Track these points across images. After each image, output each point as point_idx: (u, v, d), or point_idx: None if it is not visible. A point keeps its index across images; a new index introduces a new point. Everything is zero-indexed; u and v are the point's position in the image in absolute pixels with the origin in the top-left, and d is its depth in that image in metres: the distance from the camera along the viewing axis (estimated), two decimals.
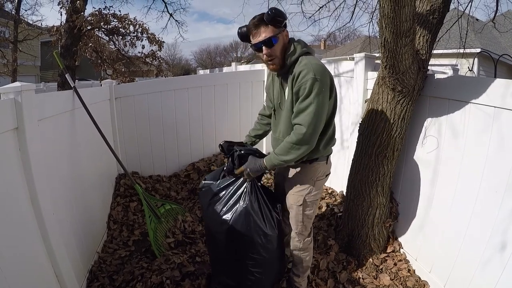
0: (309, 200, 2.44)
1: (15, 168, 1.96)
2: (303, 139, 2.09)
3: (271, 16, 2.05)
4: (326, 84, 2.07)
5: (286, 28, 2.19)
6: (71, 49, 7.76)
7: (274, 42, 2.12)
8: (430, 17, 2.69)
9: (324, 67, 2.10)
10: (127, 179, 4.38)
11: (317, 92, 2.02)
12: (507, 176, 2.09)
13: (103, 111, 4.12)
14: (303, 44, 2.20)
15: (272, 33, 2.10)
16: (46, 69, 22.50)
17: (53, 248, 2.21)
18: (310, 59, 2.11)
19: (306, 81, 2.03)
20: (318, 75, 2.02)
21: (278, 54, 2.16)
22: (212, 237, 2.60)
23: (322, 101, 2.05)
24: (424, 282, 2.87)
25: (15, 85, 1.98)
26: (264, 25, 2.10)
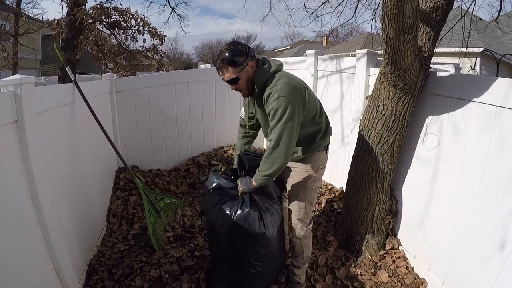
0: (311, 187, 2.58)
1: (14, 161, 1.95)
2: (275, 154, 2.24)
3: (228, 60, 2.21)
4: (293, 100, 2.17)
5: (250, 59, 2.28)
6: (72, 43, 7.74)
7: (236, 81, 2.29)
8: (433, 15, 2.68)
9: (291, 84, 2.22)
10: (127, 172, 4.38)
11: (283, 110, 2.15)
12: (508, 175, 2.09)
13: (103, 104, 4.11)
14: (267, 66, 2.32)
15: (233, 73, 2.26)
16: (47, 63, 22.44)
17: (52, 241, 2.20)
18: (277, 79, 2.25)
19: (272, 101, 2.18)
20: (283, 94, 2.15)
21: (243, 86, 2.34)
22: (215, 234, 2.60)
23: (290, 117, 2.16)
24: (422, 279, 2.87)
25: (15, 78, 1.97)
26: (225, 67, 2.27)
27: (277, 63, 2.37)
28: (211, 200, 2.51)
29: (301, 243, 2.65)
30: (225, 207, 2.41)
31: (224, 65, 2.25)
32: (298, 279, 2.75)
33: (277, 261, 2.67)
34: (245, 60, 2.25)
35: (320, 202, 3.91)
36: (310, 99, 2.34)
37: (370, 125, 2.95)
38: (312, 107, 2.39)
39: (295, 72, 4.90)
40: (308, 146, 2.49)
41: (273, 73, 2.29)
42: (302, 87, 2.30)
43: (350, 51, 16.83)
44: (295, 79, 2.32)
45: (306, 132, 2.42)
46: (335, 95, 4.19)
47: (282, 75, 2.27)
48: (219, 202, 2.46)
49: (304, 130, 2.38)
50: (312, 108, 2.39)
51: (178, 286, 2.73)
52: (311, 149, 2.50)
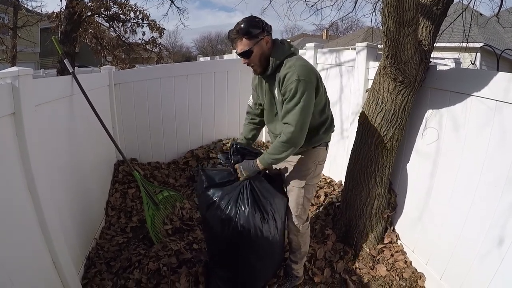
0: (310, 183, 2.56)
1: (12, 154, 1.95)
2: (292, 137, 2.19)
3: (244, 30, 2.18)
4: (311, 83, 2.16)
5: (266, 34, 2.25)
6: (71, 35, 7.71)
7: (249, 53, 2.23)
8: (433, 8, 2.66)
9: (309, 67, 2.20)
10: (125, 165, 4.38)
11: (302, 92, 2.12)
12: (507, 170, 2.08)
13: (102, 97, 4.10)
14: (287, 45, 2.30)
15: (248, 46, 2.21)
16: (45, 56, 22.35)
17: (51, 234, 2.20)
18: (295, 60, 2.20)
19: (291, 83, 2.12)
20: (302, 76, 2.11)
21: (256, 62, 2.28)
22: (212, 234, 2.60)
23: (308, 100, 2.14)
24: (421, 274, 2.88)
25: (13, 70, 1.96)
26: (240, 39, 2.22)
27: (295, 47, 2.35)
28: (205, 201, 2.46)
29: (298, 240, 2.64)
30: (222, 207, 2.36)
31: (239, 36, 2.21)
32: (296, 273, 2.76)
33: (276, 257, 2.67)
34: (261, 33, 2.22)
35: (319, 196, 3.91)
36: (322, 87, 2.33)
37: (370, 119, 2.94)
38: (323, 96, 2.37)
39: None
40: (310, 138, 2.38)
41: (291, 53, 2.26)
42: (318, 74, 2.28)
43: (350, 45, 16.79)
44: (310, 64, 2.28)
45: (312, 123, 2.33)
46: (334, 89, 4.18)
47: (299, 58, 2.24)
48: (214, 202, 2.40)
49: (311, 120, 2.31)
50: (323, 98, 2.37)
51: (176, 279, 2.73)
52: (312, 142, 2.44)
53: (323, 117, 2.45)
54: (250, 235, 2.33)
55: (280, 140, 2.25)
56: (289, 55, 2.25)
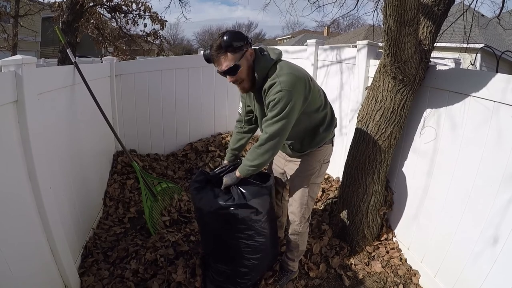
0: (315, 183, 2.52)
1: (13, 141, 1.97)
2: (270, 146, 2.15)
3: (227, 43, 2.02)
4: (296, 92, 2.05)
5: (249, 46, 2.13)
6: (73, 25, 7.67)
7: (236, 69, 2.08)
8: (435, 8, 2.67)
9: (294, 75, 2.07)
10: (124, 156, 4.40)
11: (284, 104, 2.02)
12: (503, 170, 2.11)
13: (103, 87, 4.11)
14: (268, 55, 2.16)
15: (233, 60, 2.06)
16: (46, 45, 22.29)
17: (49, 222, 2.22)
18: (278, 69, 2.09)
19: (273, 94, 2.03)
20: (286, 87, 2.01)
21: (244, 77, 2.14)
22: (206, 229, 2.63)
23: (289, 112, 2.05)
24: (415, 271, 2.91)
25: (16, 58, 1.98)
26: (223, 54, 2.06)
27: (277, 52, 2.21)
28: (198, 196, 2.46)
29: (297, 239, 2.64)
30: (214, 201, 2.35)
31: (222, 52, 2.05)
32: (292, 268, 2.78)
33: (271, 251, 2.69)
34: (245, 45, 2.08)
35: None
36: (314, 90, 2.22)
37: (369, 116, 2.96)
38: (317, 97, 2.27)
39: (295, 61, 4.92)
40: (312, 139, 2.38)
41: (275, 63, 2.13)
42: (306, 78, 2.15)
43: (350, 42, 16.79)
44: (299, 69, 2.16)
45: (310, 124, 2.33)
46: (334, 85, 4.19)
47: (284, 65, 2.12)
48: (205, 197, 2.41)
49: (308, 121, 2.29)
50: (316, 99, 2.27)
51: (173, 270, 2.76)
52: (315, 142, 2.39)
53: (321, 115, 2.36)
54: (241, 228, 2.37)
55: (255, 145, 2.22)
56: (272, 65, 2.13)
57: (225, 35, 2.02)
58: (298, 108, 2.11)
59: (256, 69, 2.13)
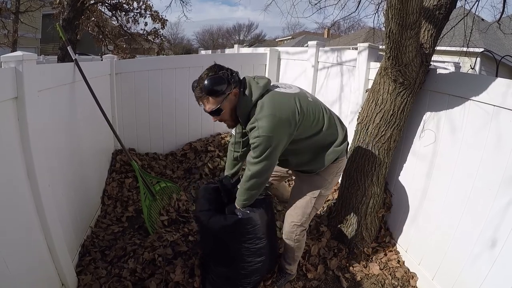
0: (322, 195, 2.50)
1: (12, 138, 1.96)
2: (253, 183, 2.25)
3: (208, 89, 2.06)
4: (276, 135, 2.07)
5: (233, 87, 2.13)
6: (73, 23, 7.68)
7: (219, 111, 2.14)
8: (436, 12, 2.68)
9: (276, 117, 2.05)
10: (123, 155, 4.39)
11: (263, 148, 2.07)
12: (502, 174, 2.11)
13: (103, 85, 4.10)
14: (249, 94, 2.14)
15: (216, 103, 2.11)
16: (46, 42, 22.26)
17: (47, 220, 2.22)
18: (259, 111, 2.09)
19: (253, 138, 2.08)
20: (264, 133, 2.03)
21: (228, 117, 2.21)
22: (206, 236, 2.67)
23: (269, 155, 2.10)
24: (413, 273, 2.91)
25: (17, 54, 1.97)
26: (205, 97, 2.11)
27: (262, 84, 2.18)
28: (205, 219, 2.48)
29: (293, 245, 2.61)
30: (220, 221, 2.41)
31: (204, 95, 2.10)
32: (289, 271, 2.77)
33: (271, 254, 2.69)
34: (228, 87, 2.10)
35: None
36: (306, 120, 2.19)
37: (368, 118, 2.97)
38: (311, 124, 2.23)
39: (296, 62, 4.93)
40: (316, 163, 2.38)
41: (256, 101, 2.12)
42: (291, 114, 2.11)
43: (351, 44, 16.79)
44: (282, 107, 2.11)
45: (317, 145, 2.33)
46: (334, 87, 4.20)
47: (266, 103, 2.09)
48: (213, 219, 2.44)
49: (313, 144, 2.30)
50: (311, 126, 2.24)
51: (171, 269, 2.75)
52: (328, 159, 2.35)
53: (327, 133, 2.32)
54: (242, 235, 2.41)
55: (241, 184, 2.32)
56: (254, 105, 2.13)
57: (207, 80, 2.05)
58: (281, 147, 2.15)
59: (237, 112, 2.18)
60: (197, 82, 2.13)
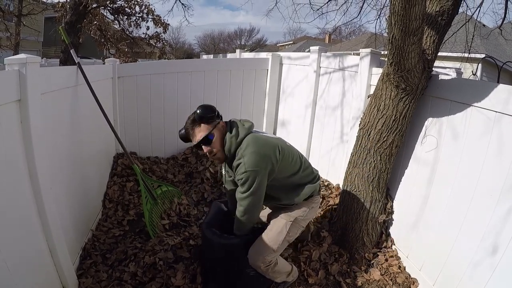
0: (298, 223, 2.58)
1: (15, 140, 1.97)
2: (247, 218, 2.43)
3: (200, 116, 2.26)
4: (261, 169, 2.25)
5: (220, 119, 2.37)
6: (76, 26, 7.70)
7: (210, 138, 2.29)
8: (438, 18, 2.69)
9: (260, 153, 2.24)
10: (125, 158, 4.39)
11: (251, 182, 2.25)
12: (503, 181, 2.11)
13: (105, 89, 4.11)
14: (235, 134, 2.32)
15: (207, 130, 2.28)
16: (48, 45, 22.33)
17: (49, 223, 2.22)
18: (244, 148, 2.26)
19: (240, 174, 2.25)
20: (250, 168, 2.21)
21: (218, 147, 2.34)
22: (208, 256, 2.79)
23: (257, 187, 2.27)
24: (414, 279, 2.90)
25: (21, 57, 1.98)
26: (197, 125, 2.29)
27: (247, 126, 2.39)
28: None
29: (268, 273, 2.53)
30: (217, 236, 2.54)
31: (196, 124, 2.29)
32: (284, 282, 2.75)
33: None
34: (217, 117, 2.32)
35: None
36: (284, 158, 2.38)
37: (370, 124, 2.97)
38: (289, 163, 2.43)
39: (298, 67, 4.94)
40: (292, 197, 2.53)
41: (241, 140, 2.30)
42: (273, 152, 2.30)
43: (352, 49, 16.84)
44: (265, 144, 2.30)
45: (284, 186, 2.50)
46: (336, 93, 4.20)
47: (249, 142, 2.27)
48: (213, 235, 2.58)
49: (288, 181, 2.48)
50: (289, 165, 2.43)
51: (172, 274, 2.76)
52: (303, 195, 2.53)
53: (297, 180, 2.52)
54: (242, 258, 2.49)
55: (236, 219, 2.48)
56: (239, 143, 2.30)
57: (198, 109, 2.27)
58: (266, 181, 2.32)
59: (225, 149, 2.33)
60: (186, 121, 2.36)
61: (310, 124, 4.70)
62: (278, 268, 2.55)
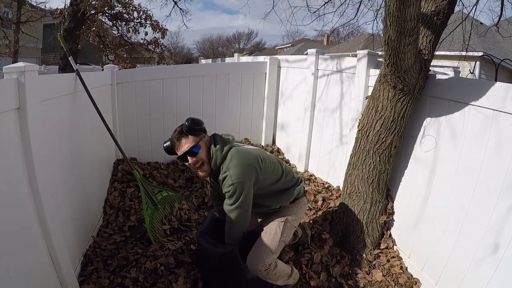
0: (289, 221, 2.63)
1: (15, 148, 1.97)
2: (236, 229, 2.46)
3: (188, 127, 2.29)
4: (247, 180, 2.31)
5: (206, 133, 2.42)
6: (74, 33, 7.72)
7: (196, 150, 2.32)
8: (434, 18, 2.70)
9: (244, 164, 2.30)
10: (125, 164, 4.39)
11: (238, 194, 2.30)
12: (503, 178, 2.12)
13: (104, 95, 4.12)
14: (220, 148, 2.37)
15: (193, 142, 2.32)
16: (47, 52, 22.40)
17: (50, 230, 2.22)
18: (228, 161, 2.31)
19: (227, 186, 2.29)
20: (236, 180, 2.26)
21: (204, 158, 2.37)
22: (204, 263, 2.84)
23: (244, 198, 2.32)
24: (416, 279, 2.90)
25: (19, 65, 1.99)
26: (185, 137, 2.33)
27: (228, 139, 2.46)
28: None
29: (269, 277, 2.53)
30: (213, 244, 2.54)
31: (183, 135, 2.32)
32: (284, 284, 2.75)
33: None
34: (203, 130, 2.38)
35: (317, 200, 3.93)
36: (266, 167, 2.45)
37: (369, 125, 2.97)
38: (271, 171, 2.51)
39: (296, 70, 4.95)
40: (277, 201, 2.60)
41: (226, 154, 2.35)
42: (256, 162, 2.37)
43: (350, 51, 16.84)
44: (247, 156, 2.37)
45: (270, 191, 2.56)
46: (334, 95, 4.21)
47: (233, 155, 2.32)
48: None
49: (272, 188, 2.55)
50: (271, 173, 2.51)
51: (173, 279, 2.75)
52: (289, 197, 2.63)
53: (279, 186, 2.59)
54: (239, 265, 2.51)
55: (226, 229, 2.50)
56: (224, 156, 2.35)
57: (186, 122, 2.30)
58: (252, 191, 2.37)
59: (211, 162, 2.38)
60: (173, 133, 2.39)
61: (309, 126, 4.71)
62: (278, 270, 2.55)
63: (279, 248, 2.57)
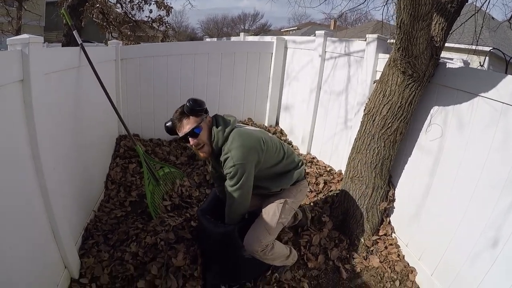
0: (289, 204, 2.62)
1: (18, 120, 1.96)
2: (237, 208, 2.45)
3: (189, 108, 2.28)
4: (248, 162, 2.30)
5: (207, 114, 2.40)
6: (78, 10, 7.61)
7: (197, 131, 2.31)
8: (448, 5, 2.65)
9: (246, 146, 2.29)
10: (127, 140, 4.39)
11: (240, 175, 2.29)
12: (507, 173, 2.09)
13: (108, 71, 4.09)
14: (222, 129, 2.36)
15: (195, 123, 2.30)
16: (50, 30, 22.12)
17: (51, 203, 2.23)
18: (230, 143, 2.31)
19: (229, 167, 2.29)
20: (238, 161, 2.26)
21: (205, 140, 2.36)
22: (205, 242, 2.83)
23: (245, 180, 2.32)
24: (412, 268, 2.91)
25: (23, 37, 1.96)
26: (186, 117, 2.31)
27: (231, 121, 2.44)
28: None
29: (266, 257, 2.57)
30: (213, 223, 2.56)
31: (185, 116, 2.30)
32: (281, 267, 2.79)
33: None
34: (205, 111, 2.36)
35: (318, 183, 3.93)
36: (269, 149, 2.43)
37: (376, 110, 2.94)
38: (273, 153, 2.49)
39: (303, 51, 4.90)
40: (279, 184, 2.59)
41: (228, 135, 2.34)
42: (258, 143, 2.36)
43: (357, 36, 16.67)
44: (250, 137, 2.35)
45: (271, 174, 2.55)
46: (341, 78, 4.17)
47: (235, 137, 2.31)
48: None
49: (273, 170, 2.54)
50: (273, 155, 2.50)
51: (173, 254, 2.77)
52: (290, 179, 2.61)
53: (280, 168, 2.58)
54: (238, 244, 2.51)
55: (226, 209, 2.50)
56: (225, 138, 2.33)
57: (188, 102, 2.28)
58: (253, 172, 2.37)
59: (213, 144, 2.37)
60: (174, 113, 2.39)
61: (314, 109, 4.68)
62: (275, 251, 2.58)
63: (277, 230, 2.59)
